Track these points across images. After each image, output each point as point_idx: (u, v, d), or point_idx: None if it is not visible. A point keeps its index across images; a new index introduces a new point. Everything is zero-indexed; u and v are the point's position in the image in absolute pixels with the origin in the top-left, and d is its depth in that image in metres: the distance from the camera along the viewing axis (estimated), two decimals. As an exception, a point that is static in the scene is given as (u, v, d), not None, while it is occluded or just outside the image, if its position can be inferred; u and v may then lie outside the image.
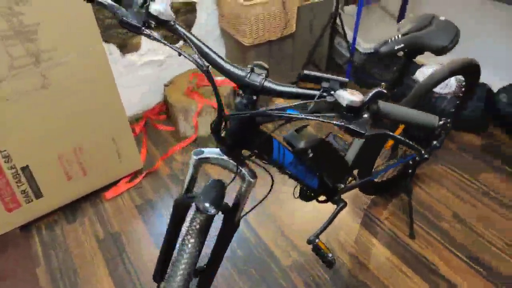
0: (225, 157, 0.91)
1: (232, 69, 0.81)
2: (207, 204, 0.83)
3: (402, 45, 1.18)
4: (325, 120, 0.68)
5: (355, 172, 1.46)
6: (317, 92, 0.73)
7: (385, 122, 0.99)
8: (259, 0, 2.05)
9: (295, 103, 0.73)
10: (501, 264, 1.57)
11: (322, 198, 1.38)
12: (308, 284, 1.52)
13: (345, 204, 1.38)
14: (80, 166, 1.76)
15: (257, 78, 0.79)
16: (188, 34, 0.82)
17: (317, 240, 1.45)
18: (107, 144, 1.80)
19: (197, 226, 0.89)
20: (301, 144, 1.08)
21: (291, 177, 1.19)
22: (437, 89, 2.28)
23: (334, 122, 0.68)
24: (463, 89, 1.79)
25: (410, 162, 1.67)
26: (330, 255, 1.46)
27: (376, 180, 1.72)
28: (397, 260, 1.60)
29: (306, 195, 1.36)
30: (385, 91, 0.69)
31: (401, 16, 2.71)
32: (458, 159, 2.07)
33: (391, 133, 0.82)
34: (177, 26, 0.82)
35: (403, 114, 0.71)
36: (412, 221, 1.70)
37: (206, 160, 0.93)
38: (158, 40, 0.79)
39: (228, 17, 2.26)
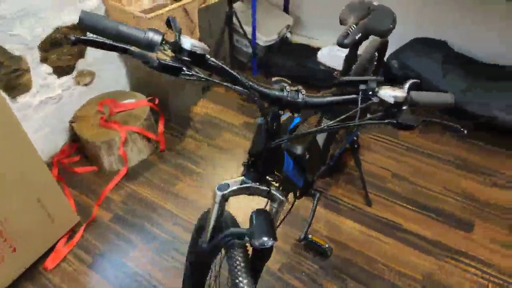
0: (253, 184, 0.84)
1: (269, 91, 0.75)
2: (265, 238, 0.76)
3: (360, 34, 1.25)
4: (377, 122, 0.69)
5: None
6: (356, 96, 0.72)
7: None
8: (160, 11, 1.93)
9: (345, 115, 0.71)
10: (445, 205, 1.83)
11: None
12: (303, 280, 1.53)
13: (321, 193, 1.42)
14: (7, 242, 1.43)
15: (297, 95, 0.75)
16: (224, 65, 0.72)
17: (310, 236, 1.47)
18: (32, 207, 1.50)
19: (244, 264, 0.81)
20: (299, 150, 1.08)
21: (285, 184, 1.17)
22: (332, 65, 2.49)
23: (387, 121, 0.69)
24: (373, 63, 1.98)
25: (355, 138, 1.80)
26: (326, 245, 1.50)
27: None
28: (366, 229, 1.72)
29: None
30: (417, 80, 0.72)
31: (286, 6, 2.85)
32: (377, 125, 2.31)
33: (432, 119, 0.85)
34: (211, 59, 0.72)
35: (429, 99, 0.76)
36: (366, 191, 1.84)
37: (233, 193, 0.85)
38: (207, 79, 0.69)
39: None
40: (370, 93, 0.71)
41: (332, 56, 2.52)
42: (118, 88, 2.31)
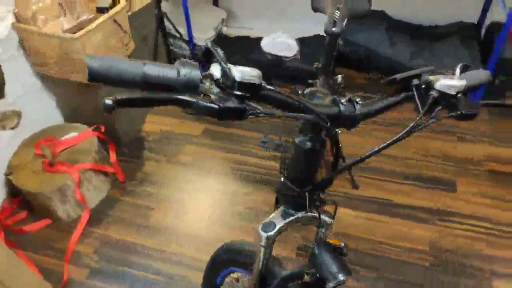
0: (300, 214, 0.72)
1: (322, 108, 0.61)
2: (341, 276, 0.64)
3: (346, 19, 1.15)
4: (442, 117, 0.60)
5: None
6: (409, 93, 0.63)
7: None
8: (89, 27, 1.67)
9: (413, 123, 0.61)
10: (426, 170, 1.85)
11: None
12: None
13: None
14: None
15: (353, 107, 0.62)
16: (282, 92, 0.57)
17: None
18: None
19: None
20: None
21: None
22: (283, 53, 2.41)
23: (450, 115, 0.61)
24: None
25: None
26: (342, 244, 1.42)
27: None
28: (361, 213, 1.69)
29: None
30: (467, 64, 0.64)
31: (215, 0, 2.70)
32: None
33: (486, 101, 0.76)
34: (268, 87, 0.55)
35: (475, 80, 0.68)
36: (351, 174, 1.80)
37: (279, 231, 0.71)
38: (271, 115, 0.53)
39: (53, 62, 1.76)
40: (424, 86, 0.62)
41: (276, 43, 2.43)
42: (52, 123, 2.00)
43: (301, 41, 2.47)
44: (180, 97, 0.51)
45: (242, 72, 0.51)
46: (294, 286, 0.75)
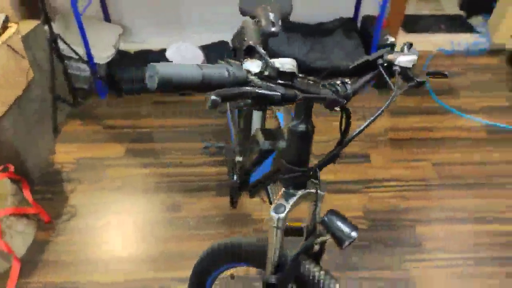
0: (302, 192, 0.78)
1: (322, 90, 0.67)
2: (353, 233, 0.72)
3: (280, 22, 1.23)
4: (408, 87, 0.72)
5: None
6: (375, 71, 0.74)
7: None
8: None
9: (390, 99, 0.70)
10: (346, 149, 2.08)
11: None
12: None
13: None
14: None
15: (343, 87, 0.69)
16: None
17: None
18: None
19: (322, 270, 0.77)
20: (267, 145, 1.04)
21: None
22: (191, 62, 2.45)
23: (410, 84, 0.73)
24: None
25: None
26: (303, 225, 1.52)
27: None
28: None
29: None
30: (411, 42, 0.79)
31: (106, 16, 2.58)
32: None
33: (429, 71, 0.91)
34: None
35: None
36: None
37: (289, 211, 0.76)
38: (311, 98, 0.61)
39: None
40: (386, 64, 0.74)
41: (181, 52, 2.45)
42: None
43: (204, 49, 2.54)
44: (260, 91, 0.56)
45: (282, 63, 0.56)
46: (312, 264, 0.81)
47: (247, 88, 0.56)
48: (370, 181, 1.90)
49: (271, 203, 1.41)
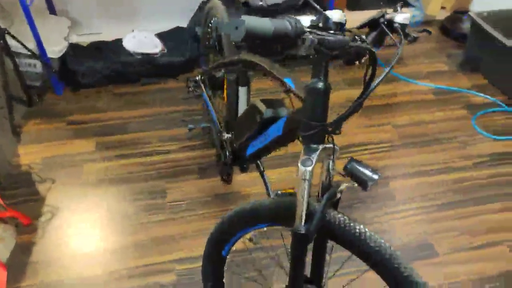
0: (322, 146, 0.85)
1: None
2: (375, 176, 0.80)
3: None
4: (409, 41, 0.82)
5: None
6: (378, 29, 0.83)
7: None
8: None
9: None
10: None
11: None
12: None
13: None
14: None
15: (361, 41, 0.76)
16: None
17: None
18: None
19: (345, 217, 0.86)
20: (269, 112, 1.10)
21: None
22: (150, 50, 2.42)
23: (409, 39, 0.83)
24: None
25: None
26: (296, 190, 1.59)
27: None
28: (285, 169, 1.91)
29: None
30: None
31: (51, 8, 2.44)
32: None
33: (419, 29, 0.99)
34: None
35: None
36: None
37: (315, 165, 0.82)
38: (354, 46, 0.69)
39: None
40: (386, 22, 0.83)
41: (139, 42, 2.40)
42: None
43: (160, 36, 2.50)
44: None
45: (334, 16, 0.62)
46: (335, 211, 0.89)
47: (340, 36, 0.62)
48: (345, 147, 2.03)
49: (263, 173, 1.47)
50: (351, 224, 0.86)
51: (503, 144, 2.07)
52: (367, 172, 0.82)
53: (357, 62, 0.79)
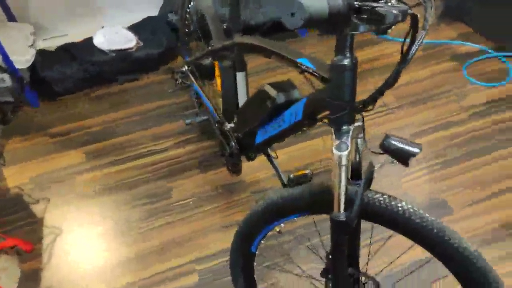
0: (353, 125, 0.79)
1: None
2: (416, 150, 0.75)
3: None
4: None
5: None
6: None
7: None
8: None
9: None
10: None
11: None
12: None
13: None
14: None
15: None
16: None
17: (292, 175, 1.45)
18: None
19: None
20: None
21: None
22: (125, 46, 2.28)
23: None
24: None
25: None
26: (307, 171, 1.53)
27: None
28: (288, 149, 1.86)
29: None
30: None
31: (9, 15, 2.24)
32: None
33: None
34: None
35: None
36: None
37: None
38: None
39: None
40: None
41: (111, 39, 2.25)
42: None
43: (133, 29, 2.36)
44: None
45: None
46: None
47: None
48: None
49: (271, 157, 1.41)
50: (393, 203, 0.82)
51: (499, 90, 2.06)
52: (406, 147, 0.76)
53: (390, 30, 0.71)
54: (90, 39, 2.26)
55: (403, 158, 0.76)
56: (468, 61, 2.22)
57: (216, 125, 1.50)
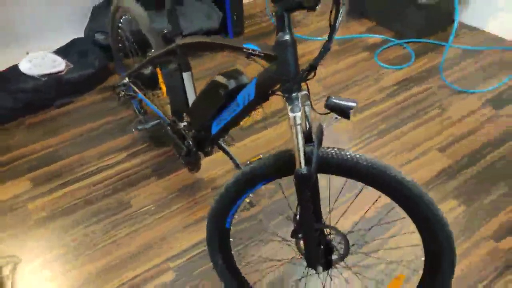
0: (300, 94, 0.93)
1: None
2: (353, 103, 0.91)
3: None
4: None
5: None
6: None
7: None
8: None
9: None
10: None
11: None
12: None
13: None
14: None
15: None
16: None
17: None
18: None
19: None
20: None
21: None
22: (55, 69, 2.26)
23: None
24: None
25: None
26: (260, 156, 1.66)
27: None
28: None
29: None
30: None
31: None
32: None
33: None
34: None
35: None
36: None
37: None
38: None
39: None
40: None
41: (39, 64, 2.21)
42: None
43: (59, 53, 2.34)
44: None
45: None
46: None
47: None
48: (278, 111, 2.15)
49: (227, 150, 1.52)
50: (342, 152, 0.97)
51: (406, 70, 2.40)
52: (345, 102, 0.92)
53: (318, 7, 0.87)
54: (15, 67, 2.20)
55: (344, 112, 0.92)
56: (377, 50, 2.55)
57: (169, 127, 1.58)
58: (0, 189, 1.81)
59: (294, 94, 0.92)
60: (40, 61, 2.21)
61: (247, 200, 1.13)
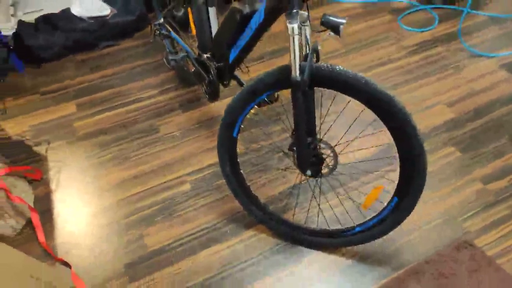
0: (301, 12, 1.09)
1: None
2: (343, 20, 1.07)
3: None
4: None
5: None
6: None
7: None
8: None
9: None
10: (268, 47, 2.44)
11: None
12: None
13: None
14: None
15: None
16: None
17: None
18: None
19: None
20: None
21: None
22: (101, 13, 2.50)
23: None
24: None
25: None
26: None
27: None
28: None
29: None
30: None
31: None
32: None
33: None
34: None
35: None
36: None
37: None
38: None
39: None
40: None
41: (88, 7, 2.47)
42: None
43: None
44: None
45: None
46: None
47: None
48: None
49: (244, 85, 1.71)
50: (334, 67, 1.14)
51: (428, 33, 2.46)
52: (337, 19, 1.08)
53: None
54: (67, 10, 2.47)
55: (335, 28, 1.08)
56: (402, 13, 2.62)
57: (195, 60, 1.78)
58: (50, 111, 2.10)
59: (294, 11, 1.09)
60: (88, 5, 2.47)
61: (252, 111, 1.31)
